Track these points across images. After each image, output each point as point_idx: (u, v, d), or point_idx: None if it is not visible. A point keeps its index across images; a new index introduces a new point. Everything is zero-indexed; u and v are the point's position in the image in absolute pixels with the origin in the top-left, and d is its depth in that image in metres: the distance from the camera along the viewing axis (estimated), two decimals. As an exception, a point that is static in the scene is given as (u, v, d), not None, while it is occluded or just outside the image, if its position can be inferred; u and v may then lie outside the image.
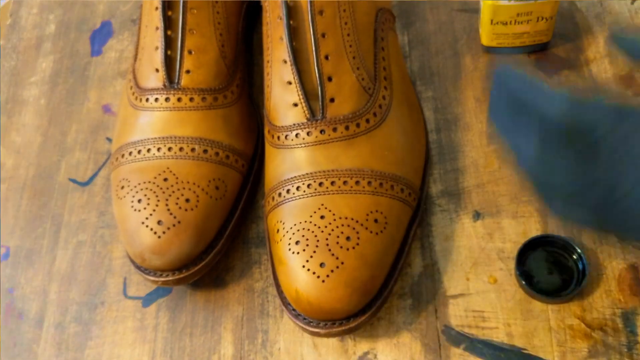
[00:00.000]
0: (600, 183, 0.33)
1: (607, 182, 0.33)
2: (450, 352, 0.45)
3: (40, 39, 0.65)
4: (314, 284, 0.42)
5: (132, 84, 0.50)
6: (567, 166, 0.34)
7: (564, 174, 0.34)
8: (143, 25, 0.50)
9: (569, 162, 0.34)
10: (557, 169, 0.34)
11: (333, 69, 0.45)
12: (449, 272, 0.48)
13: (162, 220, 0.45)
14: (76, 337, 0.50)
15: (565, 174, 0.34)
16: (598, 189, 0.33)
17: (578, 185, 0.34)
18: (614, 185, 0.32)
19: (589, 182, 0.33)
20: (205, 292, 0.50)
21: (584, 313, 0.45)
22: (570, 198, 0.34)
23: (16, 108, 0.62)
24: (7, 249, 0.54)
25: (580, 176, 0.33)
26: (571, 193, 0.34)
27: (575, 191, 0.34)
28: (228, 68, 0.51)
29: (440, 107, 0.54)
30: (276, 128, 0.46)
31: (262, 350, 0.47)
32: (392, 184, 0.45)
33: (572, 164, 0.33)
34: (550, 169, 0.34)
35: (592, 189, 0.33)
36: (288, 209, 0.44)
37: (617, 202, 0.33)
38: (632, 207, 0.32)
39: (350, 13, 0.45)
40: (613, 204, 0.33)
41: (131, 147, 0.48)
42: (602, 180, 0.33)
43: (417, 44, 0.58)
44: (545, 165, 0.34)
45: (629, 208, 0.33)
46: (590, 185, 0.33)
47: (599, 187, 0.33)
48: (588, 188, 0.33)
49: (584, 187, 0.33)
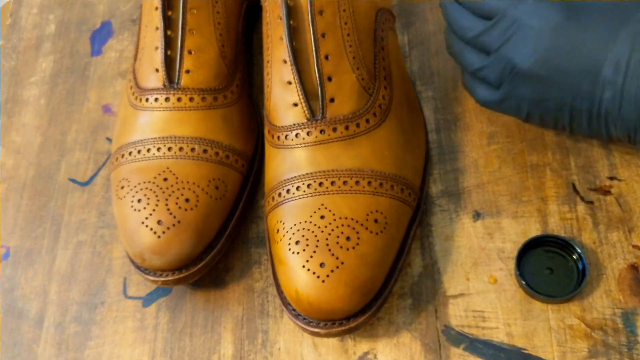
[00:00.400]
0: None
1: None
2: (450, 352, 0.45)
3: (40, 39, 0.65)
4: (314, 284, 0.42)
5: (132, 84, 0.50)
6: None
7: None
8: (143, 25, 0.50)
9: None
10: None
11: (333, 69, 0.45)
12: (449, 272, 0.48)
13: (162, 220, 0.45)
14: (76, 337, 0.50)
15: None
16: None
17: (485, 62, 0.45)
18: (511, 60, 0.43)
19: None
20: (205, 292, 0.50)
21: (584, 313, 0.45)
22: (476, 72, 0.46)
23: (16, 108, 0.62)
24: (7, 249, 0.54)
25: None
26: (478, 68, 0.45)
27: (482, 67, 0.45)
28: (228, 68, 0.51)
29: (440, 107, 0.54)
30: (276, 128, 0.46)
31: (262, 350, 0.47)
32: (392, 184, 0.45)
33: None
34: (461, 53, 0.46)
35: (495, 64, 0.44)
36: (288, 209, 0.44)
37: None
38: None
39: (350, 13, 0.46)
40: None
41: (131, 147, 0.48)
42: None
43: (417, 44, 0.58)
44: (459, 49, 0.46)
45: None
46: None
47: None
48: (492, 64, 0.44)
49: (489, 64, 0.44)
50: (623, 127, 0.43)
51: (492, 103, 0.46)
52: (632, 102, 0.41)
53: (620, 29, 0.41)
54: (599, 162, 0.50)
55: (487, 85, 0.46)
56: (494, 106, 0.47)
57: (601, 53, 0.41)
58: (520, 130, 0.52)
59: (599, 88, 0.42)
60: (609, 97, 0.42)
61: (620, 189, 0.49)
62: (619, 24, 0.41)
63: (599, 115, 0.43)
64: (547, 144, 0.51)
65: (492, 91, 0.46)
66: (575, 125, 0.45)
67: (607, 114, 0.42)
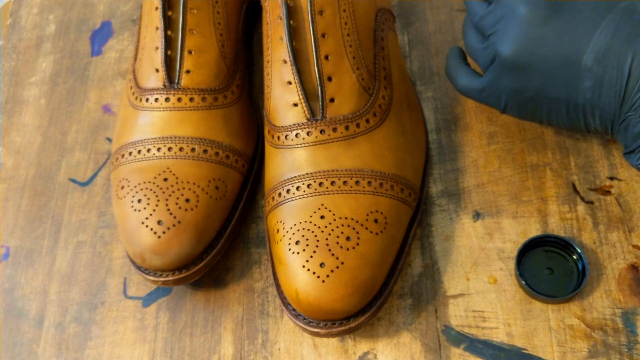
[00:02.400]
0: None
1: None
2: (450, 352, 0.45)
3: (40, 39, 0.65)
4: (314, 284, 0.42)
5: (132, 84, 0.50)
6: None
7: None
8: (143, 25, 0.50)
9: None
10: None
11: (333, 69, 0.45)
12: (449, 272, 0.48)
13: (162, 220, 0.45)
14: (76, 337, 0.50)
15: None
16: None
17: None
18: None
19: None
20: (205, 292, 0.50)
21: (584, 313, 0.45)
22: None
23: (16, 108, 0.62)
24: (7, 249, 0.54)
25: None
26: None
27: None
28: (228, 68, 0.51)
29: (440, 107, 0.54)
30: (276, 128, 0.46)
31: (262, 350, 0.47)
32: (392, 184, 0.45)
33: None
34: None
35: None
36: (288, 209, 0.44)
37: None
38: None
39: (350, 13, 0.46)
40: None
41: (131, 147, 0.48)
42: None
43: (417, 44, 0.58)
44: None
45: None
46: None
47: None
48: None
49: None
50: (602, 117, 0.43)
51: (473, 91, 0.47)
52: (612, 91, 0.41)
53: (603, 18, 0.41)
54: (599, 162, 0.50)
55: (469, 72, 0.47)
56: (474, 94, 0.47)
57: (583, 42, 0.41)
58: (520, 130, 0.52)
59: (579, 77, 0.42)
60: (589, 86, 0.42)
61: (620, 189, 0.49)
62: (602, 13, 0.42)
63: (577, 105, 0.43)
64: (547, 144, 0.51)
65: (473, 79, 0.46)
66: (554, 117, 0.45)
67: (586, 103, 0.42)
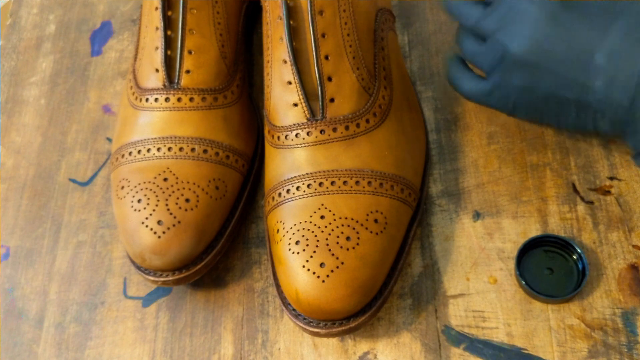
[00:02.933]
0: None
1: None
2: (450, 352, 0.45)
3: (40, 39, 0.65)
4: (314, 284, 0.42)
5: (132, 84, 0.50)
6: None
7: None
8: (143, 25, 0.50)
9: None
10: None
11: (333, 69, 0.45)
12: (449, 272, 0.48)
13: (162, 220, 0.45)
14: (76, 337, 0.50)
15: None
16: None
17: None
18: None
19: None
20: (205, 292, 0.50)
21: (584, 313, 0.45)
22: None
23: (16, 108, 0.62)
24: (7, 249, 0.54)
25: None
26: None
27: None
28: (228, 68, 0.51)
29: (440, 107, 0.54)
30: (276, 128, 0.46)
31: (262, 350, 0.47)
32: (392, 184, 0.45)
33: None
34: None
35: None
36: (288, 209, 0.44)
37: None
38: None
39: (350, 13, 0.46)
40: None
41: (131, 147, 0.48)
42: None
43: (417, 44, 0.58)
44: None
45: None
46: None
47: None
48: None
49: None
50: (611, 118, 0.42)
51: (480, 94, 0.46)
52: (623, 91, 0.41)
53: (616, 19, 0.41)
54: (599, 162, 0.50)
55: (474, 76, 0.46)
56: (482, 98, 0.46)
57: (595, 41, 0.41)
58: (520, 130, 0.52)
59: (590, 76, 0.41)
60: (600, 86, 0.41)
61: (620, 189, 0.49)
62: (614, 13, 0.42)
63: (587, 105, 0.42)
64: (547, 144, 0.51)
65: (478, 82, 0.46)
66: (563, 118, 0.44)
67: (596, 103, 0.42)
